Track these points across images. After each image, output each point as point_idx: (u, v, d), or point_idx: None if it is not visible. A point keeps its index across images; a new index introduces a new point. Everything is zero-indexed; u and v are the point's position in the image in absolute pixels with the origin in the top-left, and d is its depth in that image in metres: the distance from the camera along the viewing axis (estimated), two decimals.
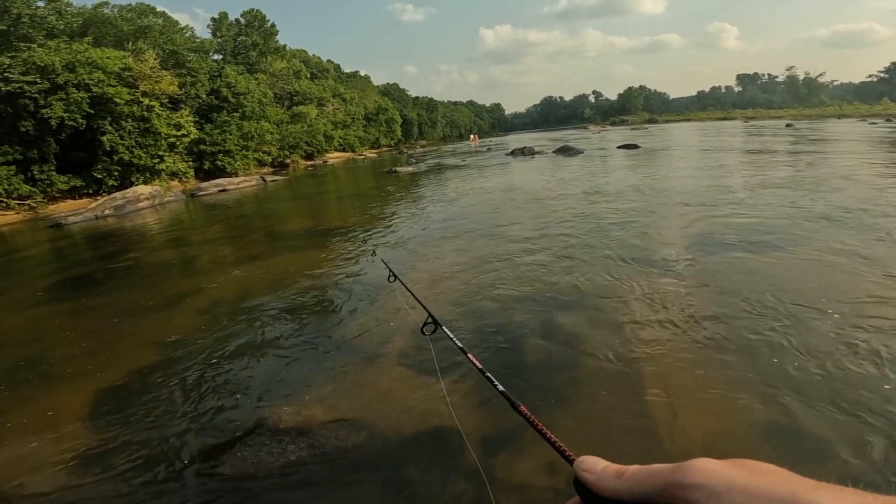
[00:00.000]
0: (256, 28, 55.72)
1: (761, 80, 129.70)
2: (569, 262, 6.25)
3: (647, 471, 0.44)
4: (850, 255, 5.52)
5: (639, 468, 0.45)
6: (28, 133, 24.95)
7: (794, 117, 63.95)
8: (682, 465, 0.41)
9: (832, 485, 0.36)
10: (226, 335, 5.05)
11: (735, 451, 1.70)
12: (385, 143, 78.89)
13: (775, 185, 10.50)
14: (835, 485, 0.36)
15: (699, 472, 0.40)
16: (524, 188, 14.44)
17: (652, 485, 0.43)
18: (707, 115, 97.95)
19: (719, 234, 6.84)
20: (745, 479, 0.37)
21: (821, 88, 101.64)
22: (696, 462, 0.41)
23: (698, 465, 0.40)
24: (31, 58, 24.79)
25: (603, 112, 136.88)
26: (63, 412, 3.86)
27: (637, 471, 0.45)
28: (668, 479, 0.41)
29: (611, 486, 0.47)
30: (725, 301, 4.59)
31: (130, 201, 20.28)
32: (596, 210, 9.58)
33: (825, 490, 0.35)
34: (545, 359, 3.92)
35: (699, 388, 3.28)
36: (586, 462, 0.51)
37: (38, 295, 7.99)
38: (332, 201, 17.82)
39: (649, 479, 0.43)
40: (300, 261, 7.92)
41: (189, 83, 36.41)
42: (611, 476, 0.47)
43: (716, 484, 0.38)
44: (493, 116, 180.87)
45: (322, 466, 2.90)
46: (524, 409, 0.83)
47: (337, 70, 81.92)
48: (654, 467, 0.44)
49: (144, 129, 29.88)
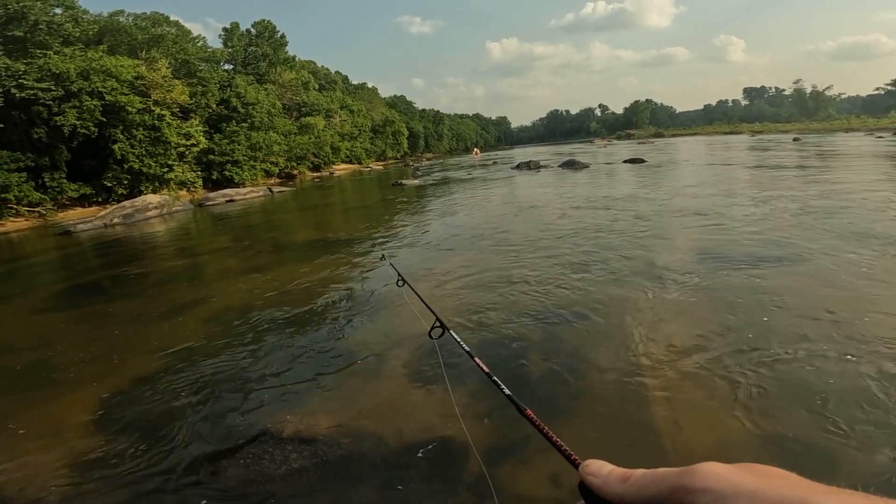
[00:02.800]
0: (267, 39, 56.55)
1: (768, 94, 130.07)
2: (574, 276, 6.24)
3: (653, 475, 0.44)
4: (859, 272, 5.48)
5: (645, 472, 0.45)
6: (41, 140, 25.29)
7: (802, 131, 63.94)
8: (689, 469, 0.41)
9: (842, 489, 0.35)
10: (231, 344, 5.07)
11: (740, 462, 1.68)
12: (391, 155, 79.41)
13: (782, 202, 10.47)
14: (845, 489, 0.35)
15: (707, 476, 0.39)
16: (529, 202, 14.47)
17: (658, 489, 0.42)
18: (714, 129, 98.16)
19: (726, 249, 6.82)
20: (753, 483, 0.37)
21: (828, 102, 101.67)
22: (703, 466, 0.40)
23: (706, 469, 0.40)
24: (46, 65, 25.16)
25: (609, 126, 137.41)
26: (67, 418, 3.88)
27: (643, 475, 0.45)
28: (675, 482, 0.41)
29: (616, 490, 0.46)
30: (732, 316, 4.56)
31: (139, 210, 20.48)
32: (601, 224, 9.59)
33: (835, 495, 0.34)
34: (549, 370, 3.90)
35: (704, 401, 3.26)
36: (592, 466, 0.50)
37: (46, 301, 8.06)
38: (339, 213, 17.92)
39: (655, 484, 0.43)
40: (306, 271, 7.95)
41: (200, 93, 36.88)
42: (617, 480, 0.47)
43: (724, 488, 0.37)
44: (499, 130, 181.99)
45: (326, 474, 2.89)
46: (531, 413, 0.83)
47: (345, 81, 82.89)
48: (661, 471, 0.43)
49: (155, 137, 30.24)
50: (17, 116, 24.26)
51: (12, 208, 23.32)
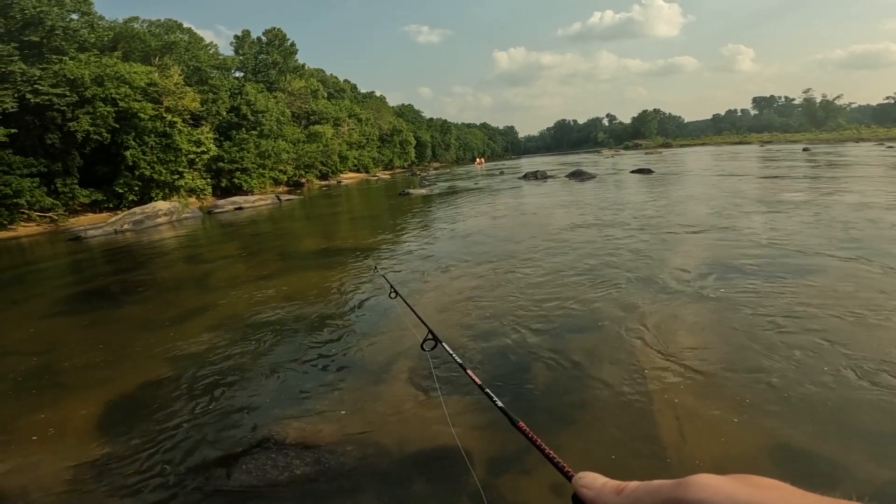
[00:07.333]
0: (277, 46, 57.11)
1: (778, 103, 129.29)
2: (579, 286, 6.24)
3: (647, 487, 0.43)
4: (869, 285, 5.43)
5: (639, 484, 0.44)
6: (54, 146, 25.58)
7: (811, 141, 63.60)
8: (684, 482, 0.40)
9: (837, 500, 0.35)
10: (235, 351, 5.11)
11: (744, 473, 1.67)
12: (398, 164, 79.72)
13: (792, 213, 10.41)
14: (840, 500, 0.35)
15: (701, 489, 0.38)
16: (536, 212, 14.50)
17: (653, 501, 0.41)
18: (722, 138, 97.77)
19: (734, 261, 6.78)
20: (747, 495, 0.36)
21: (838, 111, 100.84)
22: (697, 478, 0.40)
23: (700, 482, 0.39)
24: (61, 70, 25.42)
25: (616, 136, 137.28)
26: (72, 422, 3.92)
27: (637, 487, 0.44)
28: (669, 495, 0.40)
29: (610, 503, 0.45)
30: (738, 327, 4.53)
31: (149, 216, 20.69)
32: (607, 235, 9.57)
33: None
34: (553, 381, 3.89)
35: (709, 412, 3.24)
36: (585, 478, 0.50)
37: (54, 306, 8.15)
38: (346, 222, 18.01)
39: (650, 496, 0.42)
40: (311, 280, 8.00)
41: (210, 100, 37.17)
42: (610, 493, 0.46)
43: (719, 500, 0.37)
44: (507, 139, 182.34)
45: (325, 482, 2.90)
46: (523, 425, 0.84)
47: (353, 90, 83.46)
48: (655, 483, 0.43)
49: (166, 144, 30.54)
50: (31, 122, 24.56)
51: (24, 213, 23.57)
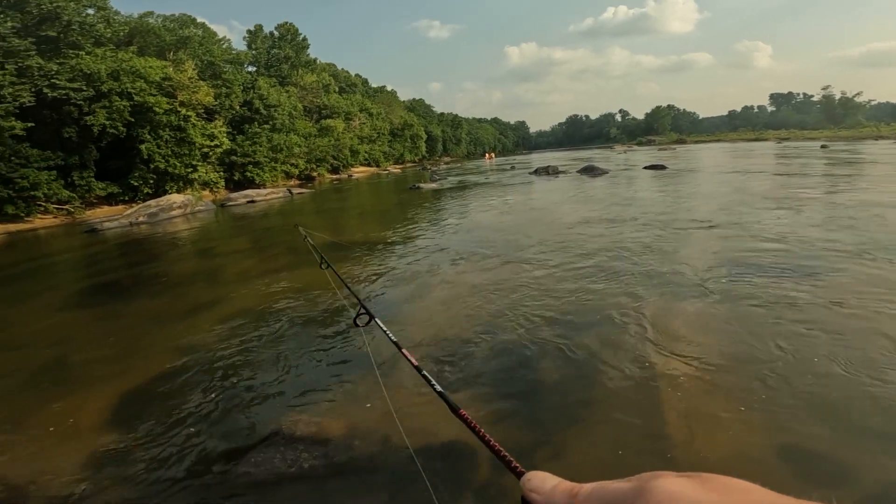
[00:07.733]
0: (289, 41, 57.33)
1: (796, 100, 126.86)
2: (589, 282, 6.19)
3: (602, 492, 0.39)
4: (884, 284, 5.33)
5: (593, 488, 0.40)
6: (70, 139, 25.98)
7: (830, 138, 62.37)
8: (643, 488, 0.36)
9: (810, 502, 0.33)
10: (246, 345, 5.14)
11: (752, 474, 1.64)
12: (409, 158, 79.74)
13: (808, 211, 10.23)
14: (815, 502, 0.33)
15: (661, 496, 0.35)
16: (546, 208, 14.41)
17: None
18: (738, 135, 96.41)
19: (747, 260, 6.68)
20: (711, 501, 0.33)
21: (857, 108, 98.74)
22: (657, 483, 0.36)
23: (661, 488, 0.35)
24: (78, 65, 25.79)
25: (629, 132, 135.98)
26: (83, 414, 3.97)
27: (591, 492, 0.40)
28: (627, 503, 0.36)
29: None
30: (749, 326, 4.47)
31: (164, 209, 20.91)
32: (617, 231, 9.49)
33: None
34: (560, 378, 3.87)
35: (717, 410, 3.20)
36: (534, 480, 0.45)
37: (68, 298, 8.28)
38: (357, 216, 18.05)
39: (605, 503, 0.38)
40: (322, 274, 8.00)
41: (224, 94, 37.50)
42: (562, 496, 0.42)
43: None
44: (518, 134, 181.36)
45: (333, 477, 2.92)
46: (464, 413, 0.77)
47: (365, 84, 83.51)
48: (612, 488, 0.38)
49: (180, 138, 30.87)
50: (48, 116, 24.95)
51: (41, 206, 23.99)
